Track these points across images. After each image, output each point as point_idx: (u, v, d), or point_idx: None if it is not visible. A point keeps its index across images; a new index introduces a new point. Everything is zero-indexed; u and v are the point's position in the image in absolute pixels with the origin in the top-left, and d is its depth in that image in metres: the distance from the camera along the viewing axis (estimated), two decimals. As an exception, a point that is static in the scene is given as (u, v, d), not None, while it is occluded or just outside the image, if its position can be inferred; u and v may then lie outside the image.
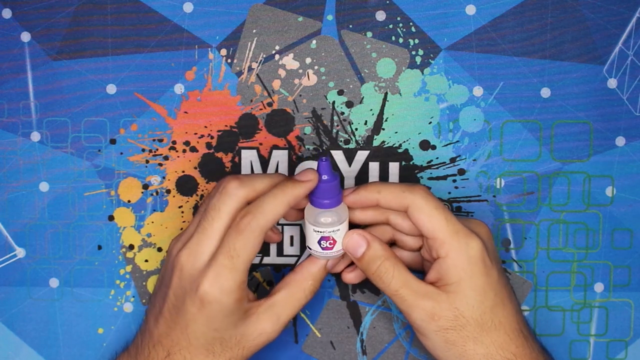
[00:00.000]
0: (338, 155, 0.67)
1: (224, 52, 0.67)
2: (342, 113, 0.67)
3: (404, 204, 0.59)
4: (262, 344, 0.60)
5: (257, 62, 0.67)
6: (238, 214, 0.58)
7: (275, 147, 0.67)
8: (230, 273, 0.57)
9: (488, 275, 0.59)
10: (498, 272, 0.60)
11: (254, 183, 0.59)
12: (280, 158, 0.67)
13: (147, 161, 0.68)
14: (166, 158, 0.68)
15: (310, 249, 0.61)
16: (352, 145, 0.67)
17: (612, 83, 0.67)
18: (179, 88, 0.67)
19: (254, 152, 0.67)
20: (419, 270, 0.65)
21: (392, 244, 0.64)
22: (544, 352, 0.61)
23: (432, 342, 0.60)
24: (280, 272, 0.68)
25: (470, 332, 0.59)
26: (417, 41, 0.67)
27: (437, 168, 0.68)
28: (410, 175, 0.68)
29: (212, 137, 0.67)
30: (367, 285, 0.69)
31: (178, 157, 0.68)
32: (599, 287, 0.69)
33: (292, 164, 0.68)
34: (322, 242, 0.60)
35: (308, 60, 0.67)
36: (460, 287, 0.58)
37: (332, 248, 0.61)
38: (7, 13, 0.67)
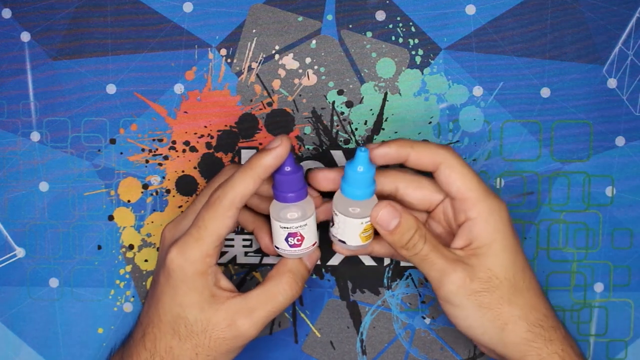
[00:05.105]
0: (338, 155, 0.67)
1: (223, 52, 0.67)
2: (342, 113, 0.67)
3: (436, 161, 0.58)
4: (232, 340, 0.57)
5: (257, 62, 0.67)
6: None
7: (275, 147, 0.67)
8: (196, 242, 0.56)
9: (516, 237, 0.58)
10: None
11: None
12: (280, 158, 0.67)
13: (147, 161, 0.68)
14: (166, 158, 0.68)
15: (278, 248, 0.59)
16: (352, 145, 0.67)
17: (612, 83, 0.67)
18: (178, 88, 0.67)
19: (254, 152, 0.67)
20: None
21: None
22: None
23: (464, 310, 0.57)
24: (280, 272, 0.68)
25: (505, 294, 0.57)
26: (417, 41, 0.67)
27: (437, 168, 0.68)
28: (410, 175, 0.68)
29: (212, 137, 0.67)
30: (367, 285, 0.69)
31: (178, 157, 0.68)
32: (598, 287, 0.69)
33: (292, 164, 0.68)
34: (289, 239, 0.58)
35: (308, 60, 0.67)
36: (492, 248, 0.57)
37: (300, 245, 0.59)
38: (7, 13, 0.67)
